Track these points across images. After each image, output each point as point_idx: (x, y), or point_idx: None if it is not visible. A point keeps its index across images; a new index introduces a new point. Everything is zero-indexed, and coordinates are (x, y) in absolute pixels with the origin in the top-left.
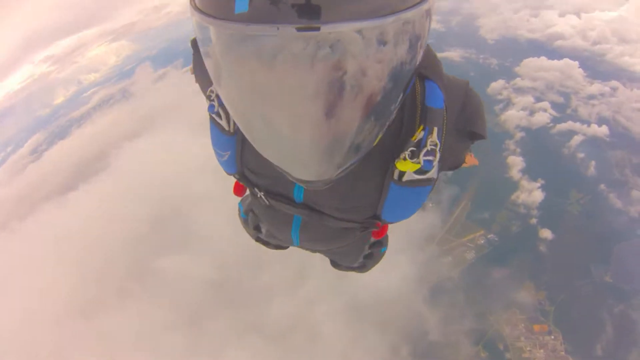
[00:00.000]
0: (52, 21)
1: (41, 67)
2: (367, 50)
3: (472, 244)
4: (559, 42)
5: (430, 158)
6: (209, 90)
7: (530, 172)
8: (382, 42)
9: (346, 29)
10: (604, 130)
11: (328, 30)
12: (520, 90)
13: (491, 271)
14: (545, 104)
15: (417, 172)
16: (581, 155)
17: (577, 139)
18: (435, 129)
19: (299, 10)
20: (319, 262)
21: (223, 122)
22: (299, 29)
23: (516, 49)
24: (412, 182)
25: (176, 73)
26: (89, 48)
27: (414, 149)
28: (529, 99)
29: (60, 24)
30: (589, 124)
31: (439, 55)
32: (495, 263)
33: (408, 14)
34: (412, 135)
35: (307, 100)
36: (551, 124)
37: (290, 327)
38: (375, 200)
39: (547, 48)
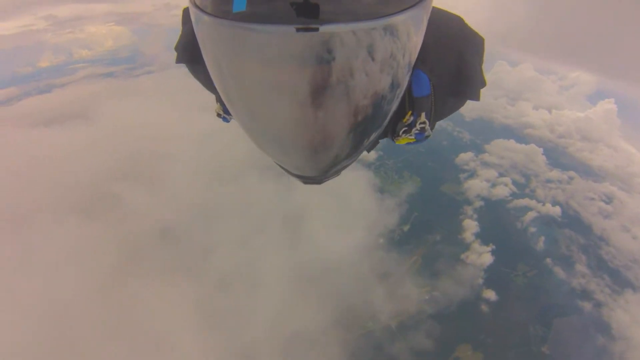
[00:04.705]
0: None
1: (40, 24)
2: (366, 51)
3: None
4: (528, 130)
5: (421, 132)
6: (216, 109)
7: (483, 237)
8: (382, 42)
9: (345, 29)
10: (557, 210)
11: (327, 30)
12: (486, 165)
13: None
14: (507, 180)
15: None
16: (533, 229)
17: (531, 215)
18: (423, 113)
19: (297, 10)
20: (280, 218)
21: None
22: (297, 29)
23: (489, 130)
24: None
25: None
26: (91, 23)
27: (406, 128)
28: (493, 173)
29: None
30: (544, 203)
31: None
32: (436, 319)
33: (407, 14)
34: (403, 118)
35: (306, 100)
36: (510, 198)
37: (230, 274)
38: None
39: (517, 134)
